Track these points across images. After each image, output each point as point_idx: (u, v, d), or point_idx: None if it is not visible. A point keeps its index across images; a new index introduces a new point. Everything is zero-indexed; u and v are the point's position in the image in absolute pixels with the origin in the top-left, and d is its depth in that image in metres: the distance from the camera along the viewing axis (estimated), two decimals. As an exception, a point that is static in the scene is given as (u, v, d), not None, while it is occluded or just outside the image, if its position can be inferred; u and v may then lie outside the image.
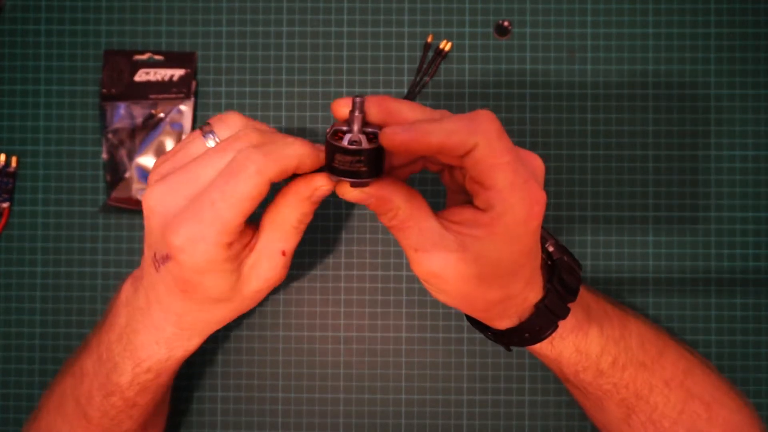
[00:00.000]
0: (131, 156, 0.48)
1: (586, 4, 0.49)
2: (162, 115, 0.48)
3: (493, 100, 0.49)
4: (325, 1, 0.49)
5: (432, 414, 0.48)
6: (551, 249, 0.36)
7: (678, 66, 0.49)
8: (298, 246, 0.36)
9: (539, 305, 0.35)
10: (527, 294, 0.34)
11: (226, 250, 0.32)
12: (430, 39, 0.49)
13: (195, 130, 0.35)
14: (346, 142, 0.30)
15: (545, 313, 0.35)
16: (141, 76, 0.48)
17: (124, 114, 0.48)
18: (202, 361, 0.48)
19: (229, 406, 0.48)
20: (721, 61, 0.49)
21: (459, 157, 0.30)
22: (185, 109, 0.48)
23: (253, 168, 0.31)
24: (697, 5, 0.49)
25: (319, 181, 0.34)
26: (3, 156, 0.48)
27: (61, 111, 0.49)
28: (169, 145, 0.48)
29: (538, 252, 0.34)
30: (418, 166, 0.35)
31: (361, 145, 0.30)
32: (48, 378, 0.48)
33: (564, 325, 0.36)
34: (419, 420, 0.48)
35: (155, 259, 0.34)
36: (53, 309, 0.48)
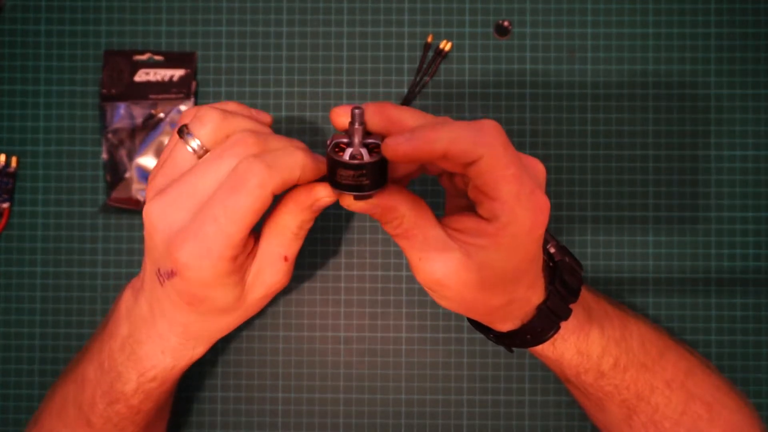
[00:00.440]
0: (131, 156, 0.48)
1: (586, 4, 0.49)
2: (162, 115, 0.48)
3: (493, 100, 0.49)
4: (325, 1, 0.49)
5: (432, 414, 0.48)
6: (553, 251, 0.36)
7: (678, 66, 0.49)
8: (298, 247, 0.36)
9: (541, 307, 0.35)
10: (530, 297, 0.34)
11: (232, 264, 0.32)
12: (430, 39, 0.49)
13: (172, 134, 0.34)
14: (348, 156, 0.29)
15: (547, 314, 0.35)
16: (141, 77, 0.48)
17: (124, 114, 0.48)
18: (202, 361, 0.48)
19: (229, 406, 0.48)
20: (721, 61, 0.49)
21: (462, 165, 0.29)
22: (185, 109, 0.48)
23: (255, 181, 0.30)
24: (697, 5, 0.49)
25: (321, 192, 0.33)
26: (3, 156, 0.48)
27: (61, 111, 0.49)
28: (169, 145, 0.48)
29: (540, 256, 0.34)
30: (417, 172, 0.35)
31: (363, 159, 0.29)
32: (48, 378, 0.48)
33: (565, 326, 0.36)
34: (419, 420, 0.48)
35: (159, 274, 0.33)
36: (53, 309, 0.48)
